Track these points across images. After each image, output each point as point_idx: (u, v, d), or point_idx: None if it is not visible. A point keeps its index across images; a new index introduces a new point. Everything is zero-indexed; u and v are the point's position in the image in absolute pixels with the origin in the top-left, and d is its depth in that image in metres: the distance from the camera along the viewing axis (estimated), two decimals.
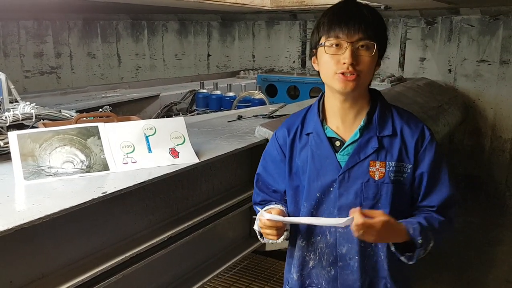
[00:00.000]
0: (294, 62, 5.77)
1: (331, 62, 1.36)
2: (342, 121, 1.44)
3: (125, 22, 6.33)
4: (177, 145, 1.91)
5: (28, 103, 2.13)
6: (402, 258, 1.37)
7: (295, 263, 1.54)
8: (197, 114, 3.95)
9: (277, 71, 5.72)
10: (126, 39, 6.38)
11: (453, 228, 1.45)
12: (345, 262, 1.45)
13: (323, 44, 1.37)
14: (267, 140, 2.32)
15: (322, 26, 1.38)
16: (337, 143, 1.43)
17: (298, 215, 1.49)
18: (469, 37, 4.71)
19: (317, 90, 4.79)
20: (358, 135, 1.41)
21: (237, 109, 3.77)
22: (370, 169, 1.39)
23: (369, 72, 1.38)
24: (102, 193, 1.50)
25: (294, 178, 1.50)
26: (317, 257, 1.49)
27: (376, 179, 1.39)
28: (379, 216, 1.27)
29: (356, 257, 1.43)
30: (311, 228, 1.47)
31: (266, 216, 1.37)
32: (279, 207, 1.52)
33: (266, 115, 2.87)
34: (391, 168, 1.39)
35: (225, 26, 6.24)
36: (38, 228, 1.40)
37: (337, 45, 1.35)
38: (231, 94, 4.11)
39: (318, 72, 1.45)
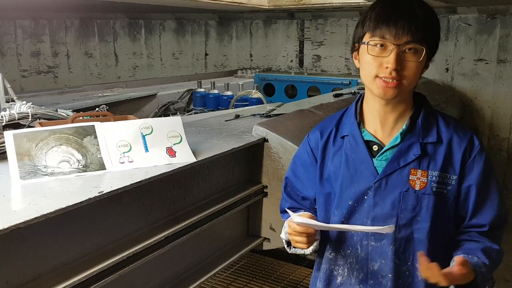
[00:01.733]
0: (291, 61, 5.77)
1: (373, 64, 1.23)
2: (382, 124, 1.32)
3: (122, 21, 6.31)
4: (174, 144, 1.90)
5: (24, 102, 2.12)
6: None
7: (322, 276, 1.42)
8: (195, 113, 3.94)
9: (275, 70, 5.72)
10: (123, 38, 6.37)
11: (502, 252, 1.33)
12: (376, 280, 1.32)
13: (366, 42, 1.24)
14: (264, 139, 2.32)
15: (369, 21, 1.25)
16: (375, 148, 1.31)
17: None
18: (466, 36, 4.71)
19: (315, 89, 4.79)
20: (399, 140, 1.29)
21: (234, 108, 3.77)
22: (410, 178, 1.26)
23: (414, 78, 1.26)
24: (98, 193, 1.49)
25: (326, 184, 1.38)
26: (346, 273, 1.37)
27: (417, 189, 1.26)
28: (462, 268, 1.15)
29: (390, 275, 1.30)
30: (341, 239, 1.35)
31: (297, 220, 1.24)
32: (309, 213, 1.41)
33: (263, 114, 2.86)
34: (434, 178, 1.26)
35: (222, 25, 6.24)
36: (34, 228, 1.39)
37: (381, 45, 1.22)
38: (229, 93, 4.10)
39: (358, 69, 1.34)
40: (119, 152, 1.79)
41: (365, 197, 1.30)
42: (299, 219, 1.25)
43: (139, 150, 1.82)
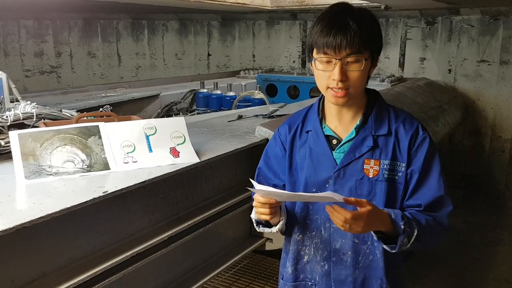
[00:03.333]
0: (294, 62, 5.78)
1: (323, 77, 1.38)
2: (340, 120, 1.47)
3: (125, 21, 6.33)
4: (178, 144, 1.91)
5: (28, 102, 2.13)
6: (385, 247, 1.36)
7: (290, 257, 1.56)
8: (197, 113, 3.96)
9: (277, 71, 5.73)
10: (126, 38, 6.38)
11: (445, 232, 1.43)
12: (338, 257, 1.47)
13: (314, 60, 1.39)
14: (267, 140, 2.32)
15: (315, 35, 1.38)
16: (334, 141, 1.46)
17: (294, 210, 1.52)
18: (469, 37, 4.71)
19: (317, 90, 4.78)
20: (354, 134, 1.44)
21: (237, 108, 3.78)
22: (364, 167, 1.41)
23: (360, 84, 1.38)
24: (103, 193, 1.50)
25: (293, 173, 1.53)
26: (312, 252, 1.52)
27: (371, 176, 1.41)
28: (365, 205, 1.27)
29: (349, 253, 1.45)
30: (307, 222, 1.50)
31: (259, 188, 1.35)
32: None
33: (266, 115, 2.87)
34: (385, 166, 1.41)
35: (225, 26, 6.25)
36: (39, 227, 1.40)
37: (327, 60, 1.35)
38: (231, 93, 4.11)
39: None
40: (123, 152, 1.80)
41: (327, 185, 1.45)
42: (261, 187, 1.36)
43: (143, 150, 1.83)
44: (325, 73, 1.37)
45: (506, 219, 4.52)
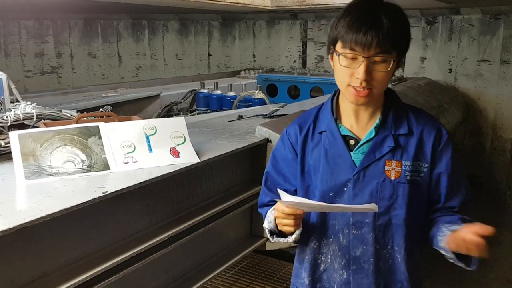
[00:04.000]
0: (294, 61, 5.77)
1: (345, 74, 1.30)
2: (357, 119, 1.40)
3: (125, 22, 6.33)
4: (178, 144, 1.91)
5: (29, 103, 2.13)
6: (461, 264, 1.29)
7: (306, 266, 1.47)
8: (198, 113, 3.96)
9: (278, 71, 5.73)
10: (127, 39, 6.38)
11: None
12: (358, 265, 1.39)
13: (338, 54, 1.31)
14: (267, 140, 2.32)
15: (341, 29, 1.29)
16: (352, 142, 1.39)
17: (309, 216, 1.43)
18: (469, 36, 4.71)
19: (318, 89, 4.80)
20: (373, 134, 1.37)
21: (237, 108, 3.78)
22: (386, 169, 1.34)
23: (383, 85, 1.33)
24: (103, 193, 1.50)
25: (306, 177, 1.45)
26: (329, 260, 1.43)
27: (392, 178, 1.34)
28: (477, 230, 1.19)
29: (371, 260, 1.38)
30: (324, 229, 1.42)
31: (287, 199, 1.25)
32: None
33: (266, 114, 2.87)
34: (407, 167, 1.34)
35: (225, 26, 6.25)
36: (39, 228, 1.40)
37: (352, 57, 1.28)
38: (232, 93, 4.11)
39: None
40: (123, 152, 1.80)
41: (345, 189, 1.37)
42: (290, 198, 1.26)
43: (143, 150, 1.83)
44: (348, 70, 1.29)
45: (507, 219, 4.51)
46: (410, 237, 1.38)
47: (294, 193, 1.49)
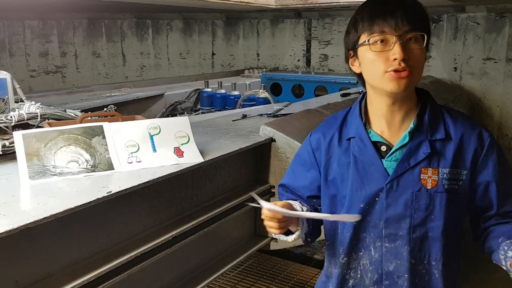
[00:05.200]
0: (298, 60, 5.76)
1: (379, 61, 1.20)
2: (388, 124, 1.30)
3: (129, 21, 6.34)
4: (182, 144, 1.91)
5: (33, 102, 2.14)
6: None
7: (334, 282, 1.39)
8: (202, 113, 3.95)
9: (282, 70, 5.72)
10: (131, 38, 6.39)
11: None
12: (392, 280, 1.31)
13: (366, 41, 1.22)
14: (271, 139, 2.32)
15: (362, 22, 1.24)
16: (383, 148, 1.29)
17: (337, 229, 1.37)
18: (474, 34, 4.68)
19: (322, 88, 4.79)
20: (407, 139, 1.27)
21: (241, 108, 3.77)
22: (421, 177, 1.25)
23: (421, 67, 1.24)
24: (107, 193, 1.50)
25: (331, 186, 1.36)
26: (359, 275, 1.35)
27: (429, 188, 1.25)
28: None
29: (406, 275, 1.29)
30: (353, 243, 1.33)
31: (265, 206, 1.23)
32: (295, 204, 1.39)
33: (270, 114, 2.86)
34: (444, 175, 1.25)
35: (229, 25, 6.24)
36: (43, 228, 1.40)
37: (382, 41, 1.20)
38: (236, 93, 4.11)
39: (358, 75, 1.32)
40: (127, 152, 1.79)
41: (377, 199, 1.28)
42: (267, 205, 1.23)
43: (147, 150, 1.83)
44: (382, 55, 1.19)
45: None
46: (449, 251, 1.29)
47: (308, 199, 1.44)
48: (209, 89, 4.21)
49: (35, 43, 5.47)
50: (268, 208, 1.22)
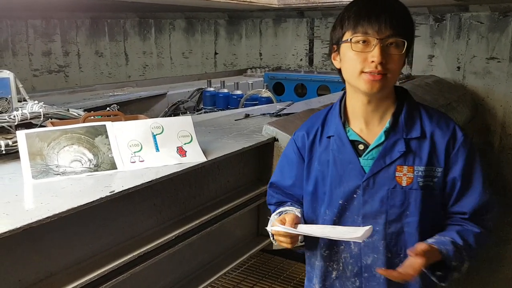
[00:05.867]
0: (301, 60, 5.75)
1: (358, 60, 1.25)
2: (366, 123, 1.35)
3: (132, 20, 6.34)
4: (185, 144, 1.91)
5: (36, 102, 2.14)
6: (434, 279, 1.28)
7: (317, 273, 1.45)
8: (204, 112, 3.95)
9: (284, 69, 5.71)
10: (134, 37, 6.40)
11: (490, 236, 1.35)
12: (370, 273, 1.36)
13: (349, 40, 1.26)
14: (274, 139, 2.31)
15: (348, 20, 1.28)
16: (361, 147, 1.34)
17: (316, 222, 1.41)
18: (478, 34, 4.66)
19: (325, 88, 4.78)
20: (383, 138, 1.31)
21: (244, 107, 3.77)
22: (396, 175, 1.29)
23: (397, 71, 1.28)
24: (110, 192, 1.50)
25: (312, 183, 1.41)
26: (341, 267, 1.40)
27: (404, 185, 1.29)
28: (415, 262, 1.19)
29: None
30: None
31: (278, 229, 1.28)
32: (293, 210, 1.44)
33: (273, 113, 2.86)
34: (419, 173, 1.29)
35: (232, 24, 6.24)
36: (46, 227, 1.40)
37: (364, 41, 1.24)
38: (238, 92, 4.11)
39: (339, 70, 1.36)
40: (130, 151, 1.79)
41: (355, 196, 1.33)
42: (280, 228, 1.28)
43: (149, 149, 1.83)
44: (361, 55, 1.24)
45: None
46: None
47: (299, 197, 1.48)
48: (211, 89, 4.21)
49: (38, 42, 5.48)
50: (280, 230, 1.28)
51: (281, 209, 1.48)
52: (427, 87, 4.13)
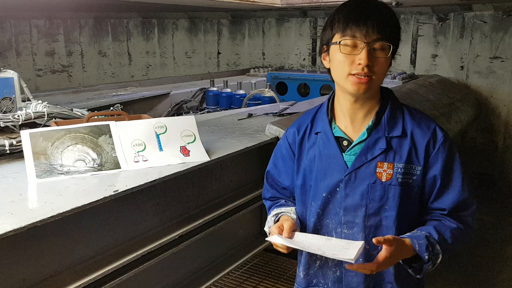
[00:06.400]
0: (304, 59, 5.75)
1: (345, 62, 1.32)
2: (351, 120, 1.42)
3: (135, 20, 6.35)
4: (188, 143, 1.91)
5: (40, 101, 2.14)
6: (410, 271, 1.35)
7: (303, 261, 1.53)
8: (207, 112, 3.95)
9: (287, 69, 5.71)
10: (137, 37, 6.40)
11: (471, 233, 1.41)
12: None
13: (337, 42, 1.33)
14: (277, 138, 2.31)
15: (337, 23, 1.34)
16: (345, 143, 1.41)
17: (306, 215, 1.49)
18: (481, 33, 4.65)
19: (328, 87, 4.78)
20: (365, 135, 1.38)
21: (247, 107, 3.77)
22: (377, 170, 1.36)
23: (383, 74, 1.34)
24: (113, 192, 1.50)
25: (301, 177, 1.48)
26: (324, 258, 1.46)
27: (383, 180, 1.36)
28: (384, 251, 1.26)
29: (361, 260, 1.39)
30: (318, 228, 1.46)
31: (275, 241, 1.35)
32: (289, 213, 1.50)
33: (276, 113, 2.86)
34: (399, 170, 1.35)
35: (235, 24, 6.24)
36: (50, 226, 1.41)
37: (352, 44, 1.30)
38: (241, 92, 4.11)
39: (328, 69, 1.43)
40: (134, 151, 1.80)
41: (337, 189, 1.40)
42: (277, 240, 1.35)
43: (153, 149, 1.84)
44: (349, 58, 1.31)
45: None
46: None
47: (293, 191, 1.55)
48: (214, 88, 4.21)
49: (41, 42, 5.49)
50: (278, 243, 1.36)
51: (276, 210, 1.54)
52: (430, 86, 4.12)
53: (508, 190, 4.73)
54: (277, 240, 1.35)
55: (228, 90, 4.16)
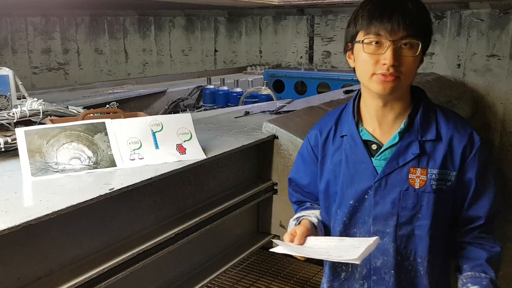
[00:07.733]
0: (301, 57, 5.74)
1: (370, 62, 1.22)
2: (380, 123, 1.32)
3: (132, 18, 6.33)
4: (184, 141, 1.90)
5: (35, 99, 2.13)
6: None
7: (327, 272, 1.45)
8: (204, 110, 3.94)
9: (284, 67, 5.70)
10: (133, 35, 6.39)
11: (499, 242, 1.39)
12: (379, 276, 1.35)
13: (361, 41, 1.24)
14: (274, 136, 2.31)
15: (361, 19, 1.24)
16: (374, 147, 1.32)
17: (329, 223, 1.42)
18: (478, 31, 4.65)
19: (325, 85, 4.77)
20: (397, 139, 1.29)
21: (244, 105, 3.76)
22: (409, 176, 1.27)
23: (411, 73, 1.25)
24: (109, 190, 1.50)
25: (325, 182, 1.41)
26: (350, 269, 1.39)
27: (416, 187, 1.27)
28: None
29: (392, 272, 1.33)
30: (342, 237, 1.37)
31: (279, 251, 1.26)
32: (311, 216, 1.42)
33: (273, 111, 2.85)
34: (433, 176, 1.27)
35: (232, 22, 6.22)
36: (45, 225, 1.40)
37: (377, 42, 1.21)
38: (238, 89, 4.10)
39: (353, 68, 1.34)
40: (130, 149, 1.79)
41: (366, 197, 1.32)
42: (280, 250, 1.26)
43: (149, 147, 1.83)
44: (373, 57, 1.21)
45: None
46: (434, 249, 1.32)
47: (316, 196, 1.47)
48: (211, 86, 4.21)
49: (37, 40, 5.48)
50: (283, 253, 1.26)
51: (299, 214, 1.47)
52: (427, 84, 4.12)
53: (505, 188, 4.74)
54: (280, 250, 1.26)
55: (225, 88, 4.16)
